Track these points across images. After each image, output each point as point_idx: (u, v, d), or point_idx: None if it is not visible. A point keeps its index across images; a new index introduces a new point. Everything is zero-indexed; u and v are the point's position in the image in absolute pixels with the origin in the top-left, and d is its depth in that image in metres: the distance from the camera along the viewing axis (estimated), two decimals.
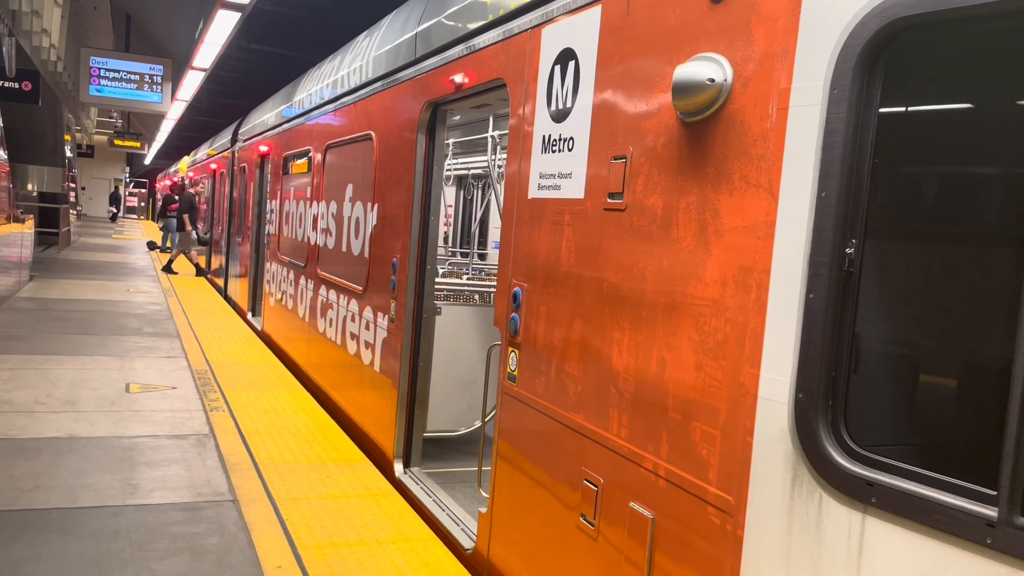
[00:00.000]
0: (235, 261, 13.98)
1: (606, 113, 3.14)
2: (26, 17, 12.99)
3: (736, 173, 2.44)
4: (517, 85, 3.91)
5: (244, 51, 17.11)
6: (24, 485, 4.47)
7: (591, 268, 3.18)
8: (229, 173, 15.17)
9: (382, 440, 5.67)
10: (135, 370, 7.61)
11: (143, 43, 23.65)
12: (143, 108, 18.67)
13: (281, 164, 9.96)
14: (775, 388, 2.25)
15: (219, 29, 11.91)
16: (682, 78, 2.56)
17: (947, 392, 2.24)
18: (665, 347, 2.71)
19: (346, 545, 4.06)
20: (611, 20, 3.15)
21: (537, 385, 3.55)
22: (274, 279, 10.06)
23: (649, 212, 2.84)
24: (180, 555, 3.77)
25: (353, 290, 6.48)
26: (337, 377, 6.94)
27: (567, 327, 3.33)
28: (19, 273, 12.80)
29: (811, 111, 2.18)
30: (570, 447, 3.26)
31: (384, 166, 5.91)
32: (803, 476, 2.16)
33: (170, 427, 5.84)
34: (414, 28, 5.64)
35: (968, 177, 2.24)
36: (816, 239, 2.15)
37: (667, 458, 2.67)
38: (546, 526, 3.42)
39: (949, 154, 2.22)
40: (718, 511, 2.43)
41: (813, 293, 2.15)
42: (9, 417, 5.75)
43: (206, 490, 4.63)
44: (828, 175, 2.12)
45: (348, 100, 7.12)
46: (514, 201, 3.86)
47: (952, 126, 2.25)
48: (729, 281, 2.44)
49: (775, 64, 2.32)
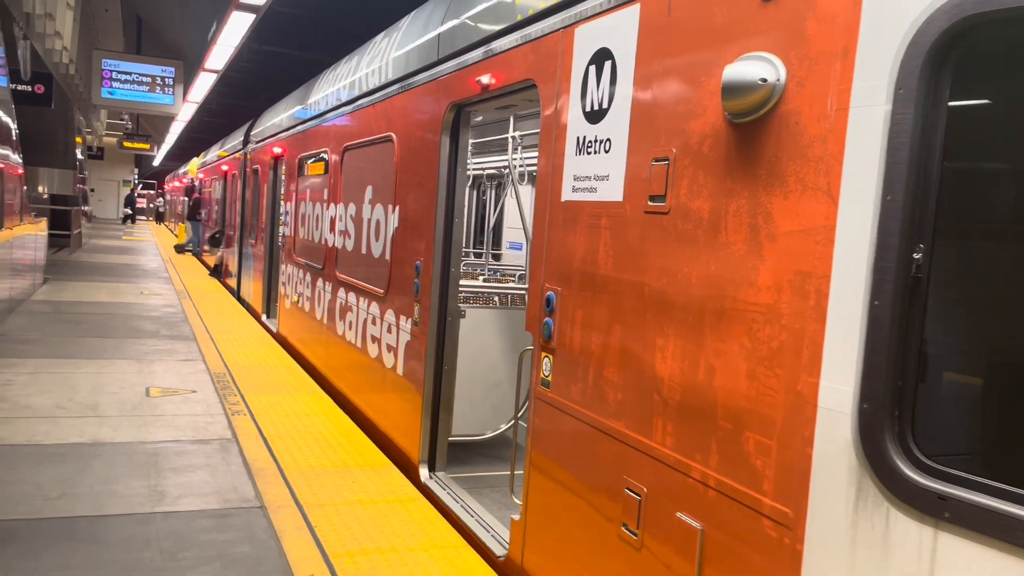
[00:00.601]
0: (248, 263, 13.96)
1: (646, 114, 3.08)
2: (39, 20, 12.99)
3: (791, 175, 2.37)
4: (548, 85, 3.84)
5: (255, 52, 17.10)
6: (50, 493, 4.43)
7: (631, 272, 3.12)
8: (241, 175, 15.15)
9: (406, 444, 5.62)
10: (154, 373, 7.58)
11: (154, 45, 23.68)
12: (154, 110, 18.69)
13: (296, 166, 9.92)
14: (837, 398, 2.18)
15: (233, 31, 11.88)
16: (732, 78, 2.49)
17: (1021, 401, 2.17)
18: (714, 354, 2.64)
19: (377, 552, 4.00)
20: (651, 19, 3.08)
21: (573, 391, 3.48)
22: (290, 281, 10.03)
23: (695, 215, 2.77)
24: (211, 563, 3.73)
25: (374, 293, 6.43)
26: (357, 380, 6.90)
27: (605, 332, 3.27)
28: (33, 276, 12.80)
29: (874, 111, 2.12)
30: (610, 455, 3.20)
31: (406, 168, 5.86)
32: (868, 489, 2.09)
33: (193, 432, 5.80)
34: (436, 29, 5.58)
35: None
36: (881, 244, 2.08)
37: (717, 468, 2.60)
38: (584, 535, 3.36)
39: (1022, 155, 2.15)
40: (775, 524, 2.36)
41: (878, 300, 2.08)
42: (31, 423, 5.72)
43: (233, 496, 4.59)
44: (894, 178, 2.05)
45: (366, 102, 7.07)
46: (546, 203, 3.80)
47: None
48: (784, 287, 2.37)
49: (833, 63, 2.25)
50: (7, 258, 10.30)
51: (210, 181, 21.41)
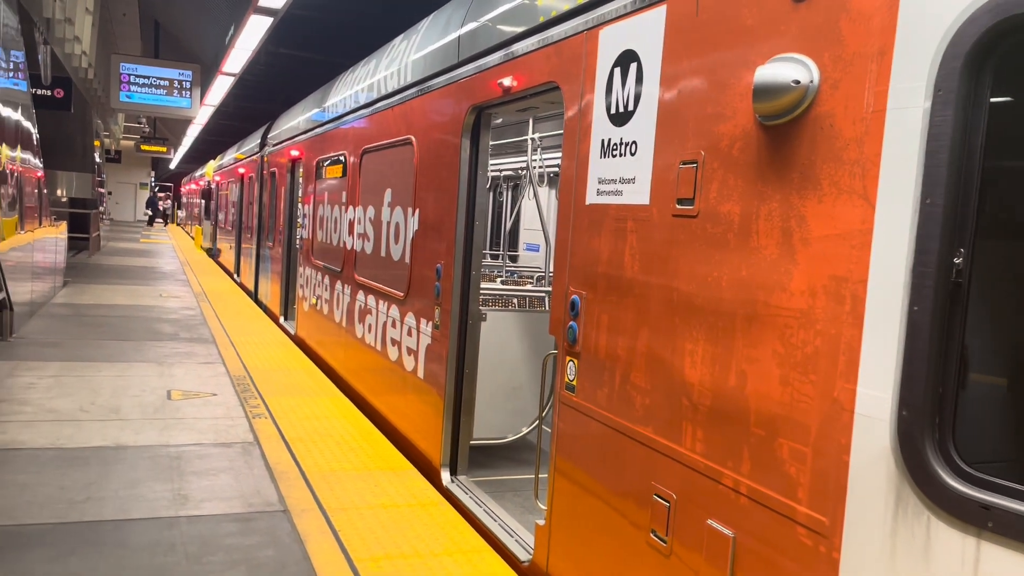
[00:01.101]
0: (266, 265, 14.00)
1: (673, 116, 3.05)
2: (59, 25, 13.09)
3: (825, 179, 2.34)
4: (572, 88, 3.82)
5: (273, 55, 17.17)
6: (75, 496, 4.45)
7: (659, 276, 3.09)
8: (258, 177, 15.20)
9: (427, 447, 5.61)
10: (175, 376, 7.61)
11: (171, 49, 23.83)
12: (172, 113, 18.80)
13: (314, 168, 9.94)
14: (874, 404, 2.15)
15: (250, 34, 11.92)
16: (764, 80, 2.46)
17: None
18: (745, 360, 2.61)
19: (401, 557, 3.99)
20: (678, 20, 3.05)
21: (599, 396, 3.46)
22: (308, 284, 10.05)
23: (724, 219, 2.74)
24: (236, 568, 3.73)
25: (394, 295, 6.42)
26: (376, 383, 6.89)
27: (632, 337, 3.24)
28: (54, 279, 12.90)
29: (912, 113, 2.08)
30: (637, 460, 3.17)
31: (425, 171, 5.85)
32: (908, 497, 2.06)
33: (214, 435, 5.81)
34: (456, 31, 5.57)
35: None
36: (920, 248, 2.04)
37: (749, 475, 2.57)
38: (611, 541, 3.33)
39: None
40: (810, 532, 2.33)
41: (917, 305, 2.04)
42: (55, 426, 5.75)
43: (256, 500, 4.59)
44: (933, 181, 2.02)
45: (385, 104, 7.07)
46: (570, 206, 3.78)
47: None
48: (819, 291, 2.34)
49: (869, 64, 2.22)
50: (28, 261, 10.38)
51: (226, 184, 21.52)
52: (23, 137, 10.25)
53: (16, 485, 4.56)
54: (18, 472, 4.77)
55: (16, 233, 9.60)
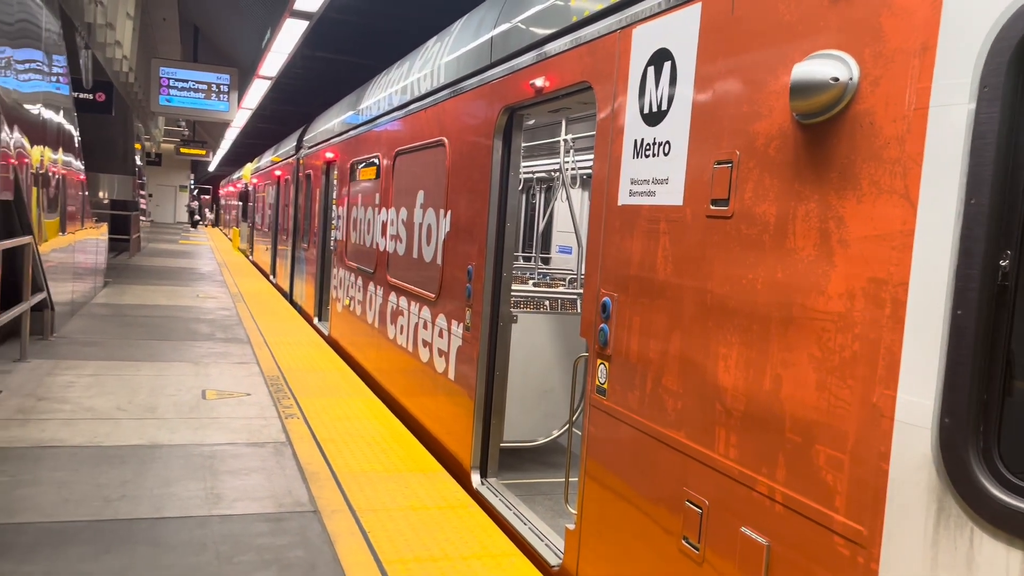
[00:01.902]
0: (301, 267, 14.13)
1: (708, 116, 2.99)
2: (100, 30, 13.32)
3: (865, 178, 2.27)
4: (604, 88, 3.78)
5: (308, 59, 17.32)
6: (111, 494, 4.51)
7: (692, 278, 3.03)
8: (294, 180, 15.35)
9: (457, 449, 5.60)
10: (210, 376, 7.70)
11: (210, 53, 24.18)
12: (210, 117, 19.05)
13: (348, 171, 10.00)
14: (915, 411, 2.08)
15: (286, 38, 12.04)
16: (801, 77, 2.40)
17: None
18: (781, 364, 2.55)
19: (431, 560, 3.97)
20: (713, 18, 3.00)
21: (631, 399, 3.41)
22: (341, 285, 10.11)
23: (760, 220, 2.68)
24: (267, 568, 3.74)
25: (425, 297, 6.42)
26: (407, 384, 6.90)
27: (664, 340, 3.19)
28: (95, 279, 13.14)
29: (956, 111, 2.01)
30: (669, 465, 3.12)
31: (457, 172, 5.84)
32: (950, 508, 1.99)
33: (248, 435, 5.85)
34: (489, 32, 5.55)
35: None
36: (964, 250, 1.97)
37: (784, 482, 2.51)
38: (642, 547, 3.28)
39: None
40: (847, 542, 2.26)
41: (961, 309, 1.97)
42: (93, 424, 5.84)
43: (287, 500, 4.61)
44: (978, 181, 1.94)
45: (418, 106, 7.08)
46: (602, 207, 3.74)
47: None
48: (858, 294, 2.27)
49: (911, 60, 2.15)
50: (69, 262, 10.57)
51: (263, 186, 21.76)
52: (65, 140, 10.45)
53: (54, 482, 4.63)
54: (56, 469, 4.85)
55: (58, 235, 9.78)
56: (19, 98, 7.79)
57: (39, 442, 5.34)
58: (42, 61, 8.95)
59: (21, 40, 7.92)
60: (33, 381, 7.02)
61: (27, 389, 6.73)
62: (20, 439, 5.37)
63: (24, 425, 5.70)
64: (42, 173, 8.80)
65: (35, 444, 5.29)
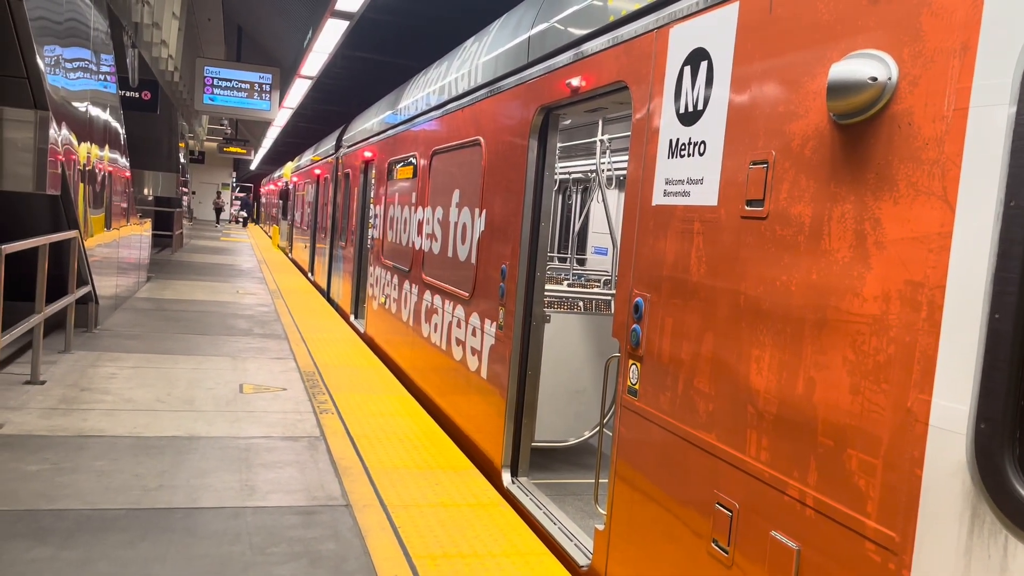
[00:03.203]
0: (338, 264, 14.28)
1: (744, 115, 2.97)
2: (147, 29, 13.61)
3: (902, 179, 2.24)
4: (640, 87, 3.77)
5: (348, 59, 17.51)
6: (149, 484, 4.60)
7: (725, 279, 3.01)
8: (333, 178, 15.52)
9: (488, 448, 5.62)
10: (247, 371, 7.81)
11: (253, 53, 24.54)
12: (252, 116, 19.35)
13: (386, 170, 10.08)
14: (950, 416, 2.04)
15: (327, 37, 12.18)
16: (839, 77, 2.38)
17: None
18: (814, 367, 2.52)
19: (459, 556, 3.99)
20: (751, 17, 2.98)
21: (662, 401, 3.40)
22: (377, 283, 10.20)
23: (795, 221, 2.65)
24: (298, 560, 3.79)
25: (459, 296, 6.45)
26: (440, 382, 6.94)
27: (697, 341, 3.17)
28: (138, 274, 13.41)
29: (997, 112, 1.97)
30: (699, 467, 3.10)
31: (493, 172, 5.86)
32: (985, 515, 1.95)
33: (283, 429, 5.94)
34: (526, 32, 5.57)
35: None
36: (1003, 253, 1.93)
37: (816, 486, 2.48)
38: (671, 548, 3.27)
39: None
40: (879, 548, 2.23)
41: (999, 313, 1.93)
42: (132, 415, 5.96)
43: (320, 494, 4.66)
44: (1018, 183, 1.91)
45: (455, 106, 7.12)
46: (636, 207, 3.73)
47: None
48: (893, 297, 2.24)
49: (951, 60, 2.11)
50: (114, 257, 10.81)
51: (303, 184, 22.03)
52: (111, 137, 10.69)
53: (95, 471, 4.74)
54: (97, 458, 4.96)
55: (103, 230, 10.01)
56: (67, 96, 7.98)
57: (81, 431, 5.47)
58: (90, 59, 9.16)
59: (70, 39, 8.12)
60: (76, 372, 7.20)
61: (70, 380, 6.89)
62: (63, 428, 5.51)
63: (67, 415, 5.84)
64: (89, 170, 9.01)
65: (77, 433, 5.43)
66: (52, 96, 7.26)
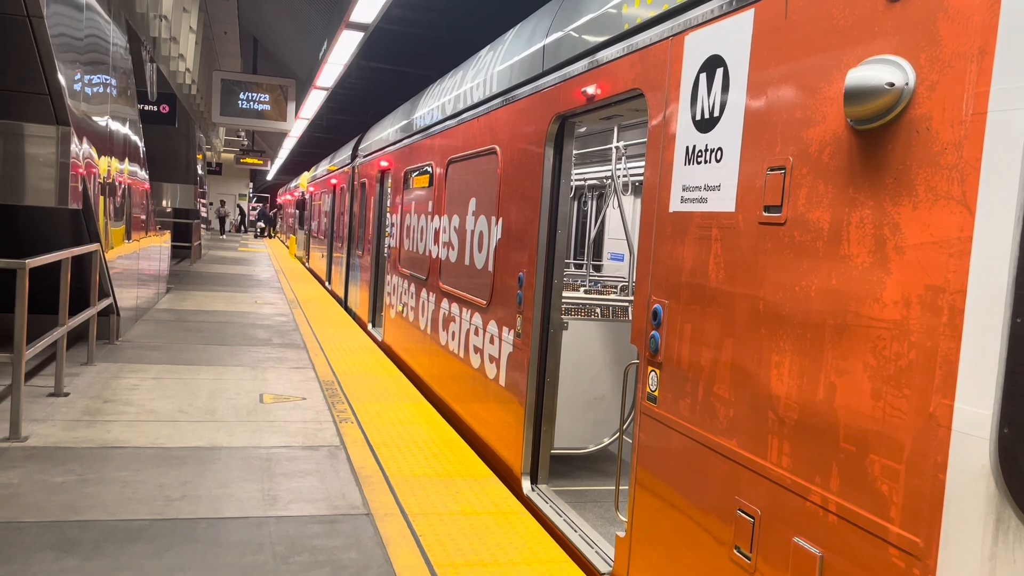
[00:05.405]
0: (355, 274, 14.35)
1: (760, 122, 2.98)
2: (165, 43, 13.77)
3: (921, 184, 2.24)
4: (656, 95, 3.78)
5: (363, 69, 17.62)
6: (172, 494, 4.65)
7: (744, 286, 3.01)
8: (350, 188, 15.60)
9: (507, 455, 5.62)
10: (267, 380, 7.87)
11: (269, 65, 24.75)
12: (268, 127, 19.49)
13: (402, 179, 10.14)
14: (973, 421, 2.04)
15: (342, 49, 12.27)
16: (856, 83, 2.38)
17: None
18: (835, 372, 2.52)
19: (480, 565, 4.01)
20: (766, 24, 2.99)
21: (682, 407, 3.40)
22: (395, 291, 10.24)
23: (813, 226, 2.66)
24: (321, 568, 3.81)
25: (477, 304, 6.48)
26: (459, 390, 6.96)
27: (716, 347, 3.17)
28: (158, 285, 13.54)
29: (1016, 116, 1.97)
30: (720, 474, 3.10)
31: (509, 180, 5.88)
32: (1009, 520, 1.94)
33: (303, 438, 5.97)
34: (541, 41, 5.59)
35: None
36: None
37: (838, 492, 2.47)
38: (693, 555, 3.26)
39: None
40: (903, 553, 2.22)
41: (1021, 317, 1.93)
42: (155, 426, 6.02)
43: (341, 503, 4.69)
44: None
45: (471, 115, 7.16)
46: (653, 214, 3.74)
47: None
48: (914, 302, 2.24)
49: (968, 65, 2.11)
50: (134, 269, 10.92)
51: (319, 194, 22.16)
52: (131, 151, 10.82)
53: (119, 482, 4.79)
54: (121, 469, 5.01)
55: (124, 242, 10.12)
56: (88, 111, 8.09)
57: (105, 443, 5.53)
58: (109, 75, 9.28)
59: (90, 54, 8.23)
60: (99, 384, 7.27)
61: (93, 391, 6.97)
62: (87, 439, 5.57)
63: (91, 426, 5.91)
64: (109, 183, 9.13)
65: (101, 444, 5.49)
66: (73, 111, 7.36)
